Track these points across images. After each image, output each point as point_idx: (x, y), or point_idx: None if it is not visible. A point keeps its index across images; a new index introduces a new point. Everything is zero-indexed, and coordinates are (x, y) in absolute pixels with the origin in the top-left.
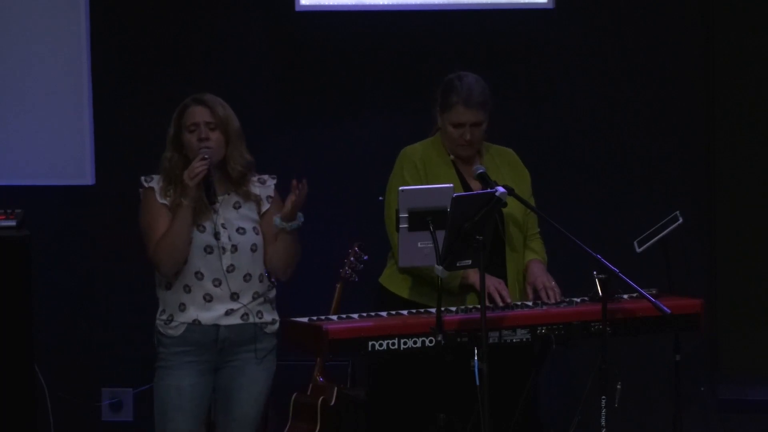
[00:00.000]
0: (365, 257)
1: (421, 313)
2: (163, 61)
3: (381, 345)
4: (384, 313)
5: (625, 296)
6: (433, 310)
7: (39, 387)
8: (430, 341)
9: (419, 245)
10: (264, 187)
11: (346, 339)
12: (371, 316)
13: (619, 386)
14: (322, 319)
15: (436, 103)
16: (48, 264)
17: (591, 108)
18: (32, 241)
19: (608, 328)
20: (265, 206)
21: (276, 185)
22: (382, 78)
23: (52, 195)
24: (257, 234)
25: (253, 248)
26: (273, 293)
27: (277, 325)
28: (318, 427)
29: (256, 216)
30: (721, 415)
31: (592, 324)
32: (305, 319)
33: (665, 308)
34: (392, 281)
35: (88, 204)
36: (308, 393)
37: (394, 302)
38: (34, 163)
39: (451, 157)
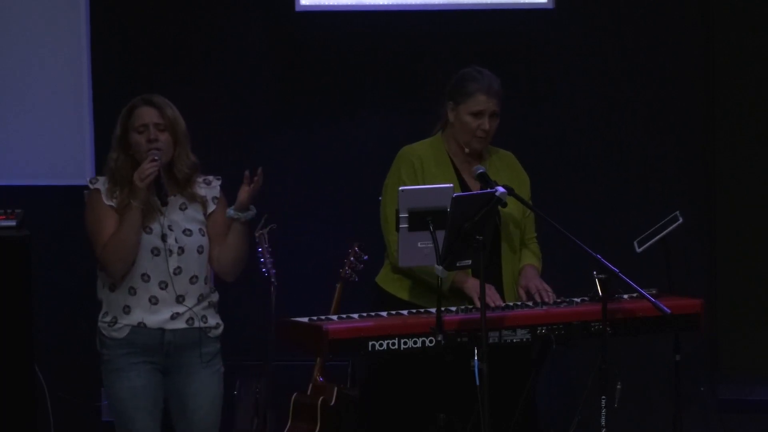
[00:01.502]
0: (365, 257)
1: (421, 313)
2: (163, 61)
3: (381, 345)
4: (384, 313)
5: (625, 296)
6: (433, 310)
7: (39, 387)
8: (430, 341)
9: (419, 245)
10: (209, 188)
11: (346, 339)
12: (371, 316)
13: (619, 386)
14: (322, 319)
15: (446, 99)
16: (48, 264)
17: (591, 108)
18: (32, 241)
19: (608, 328)
20: (211, 207)
21: (221, 186)
22: (382, 78)
23: (52, 195)
24: (203, 236)
25: (200, 250)
26: (216, 297)
27: (220, 330)
28: (318, 427)
29: (202, 217)
30: (721, 415)
31: (592, 324)
32: (305, 319)
33: (665, 308)
34: (389, 282)
35: None
36: (308, 393)
37: (392, 302)
38: (34, 163)
39: (466, 150)
